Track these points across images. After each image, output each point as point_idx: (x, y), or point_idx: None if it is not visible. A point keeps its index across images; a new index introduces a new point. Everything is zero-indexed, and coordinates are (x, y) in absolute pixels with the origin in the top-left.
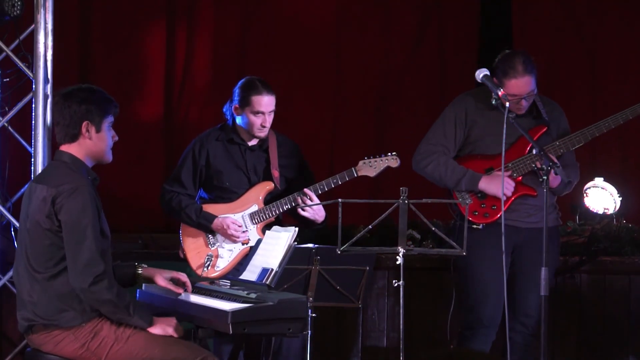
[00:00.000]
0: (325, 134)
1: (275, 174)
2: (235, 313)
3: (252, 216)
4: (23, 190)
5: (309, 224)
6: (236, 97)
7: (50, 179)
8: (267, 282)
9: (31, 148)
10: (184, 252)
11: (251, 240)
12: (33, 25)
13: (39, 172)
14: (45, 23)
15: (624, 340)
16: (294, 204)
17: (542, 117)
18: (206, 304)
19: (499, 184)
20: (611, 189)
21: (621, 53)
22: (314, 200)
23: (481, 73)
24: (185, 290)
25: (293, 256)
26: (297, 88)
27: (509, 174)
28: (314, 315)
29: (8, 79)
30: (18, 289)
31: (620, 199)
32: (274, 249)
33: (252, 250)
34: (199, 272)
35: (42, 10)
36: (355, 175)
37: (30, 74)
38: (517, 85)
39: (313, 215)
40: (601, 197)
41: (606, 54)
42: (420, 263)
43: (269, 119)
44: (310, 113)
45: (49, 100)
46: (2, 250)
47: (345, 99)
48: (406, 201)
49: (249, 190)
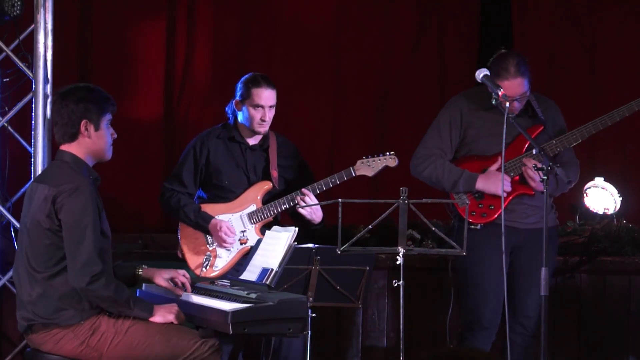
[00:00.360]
0: (325, 134)
1: (274, 174)
2: (235, 313)
3: (250, 216)
4: (23, 190)
5: (306, 224)
6: (238, 92)
7: (51, 178)
8: (267, 282)
9: (31, 148)
10: (183, 252)
11: (250, 240)
12: (33, 25)
13: (41, 172)
14: (45, 23)
15: (624, 340)
16: (292, 204)
17: (538, 116)
18: (206, 304)
19: (497, 182)
20: (611, 189)
21: (621, 52)
22: (313, 200)
23: (481, 73)
24: (185, 291)
25: (293, 256)
26: (297, 88)
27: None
28: (313, 315)
29: (8, 79)
30: (17, 289)
31: (621, 199)
32: (274, 249)
33: (252, 250)
34: (198, 272)
35: (42, 10)
36: (354, 174)
37: (30, 74)
38: (509, 87)
39: (310, 215)
40: (601, 197)
41: (606, 54)
42: (421, 263)
43: (269, 114)
44: (310, 113)
45: (49, 100)
46: (2, 250)
47: (345, 98)
48: (406, 201)
49: (247, 189)
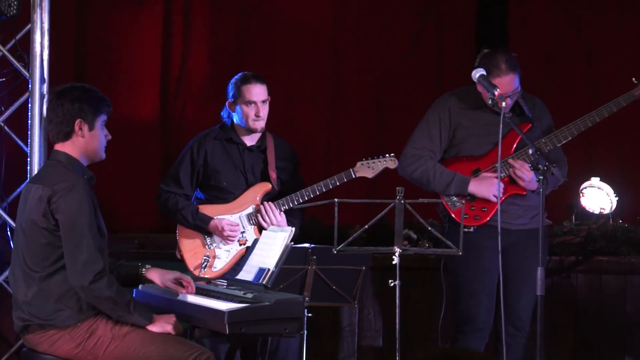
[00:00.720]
0: (323, 134)
1: (273, 175)
2: (231, 313)
3: (249, 217)
4: (19, 190)
5: None
6: (229, 93)
7: (46, 178)
8: (264, 282)
9: (27, 148)
10: (181, 253)
11: (249, 241)
12: (29, 25)
13: (36, 173)
14: (42, 23)
15: (620, 340)
16: (291, 205)
17: (526, 115)
18: (203, 304)
19: (489, 186)
20: (607, 189)
21: (619, 51)
22: (274, 213)
23: (477, 73)
24: (189, 292)
25: (289, 256)
26: (295, 88)
27: (495, 175)
28: (310, 315)
29: (4, 79)
30: (14, 289)
31: (617, 198)
32: (271, 248)
33: (249, 250)
34: (196, 273)
35: (39, 10)
36: (353, 176)
37: (27, 74)
38: (502, 84)
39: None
40: (597, 197)
41: (604, 53)
42: (417, 263)
43: (263, 110)
44: (308, 113)
45: (45, 99)
46: (0, 250)
47: (343, 99)
48: (402, 201)
49: (246, 191)
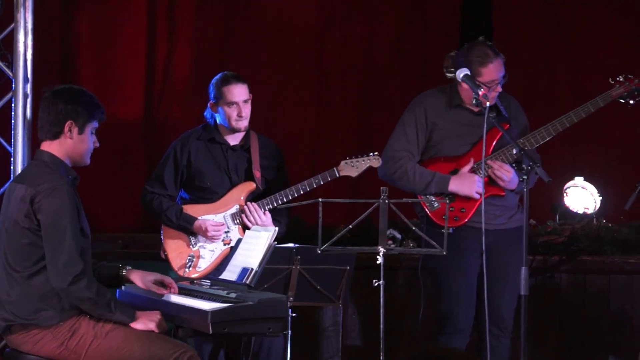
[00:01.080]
0: (309, 133)
1: (257, 174)
2: (215, 313)
3: (234, 216)
4: (3, 189)
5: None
6: (211, 94)
7: (29, 178)
8: (247, 282)
9: (11, 147)
10: (166, 253)
11: (233, 241)
12: (13, 25)
13: (19, 172)
14: (25, 22)
15: (604, 339)
16: (276, 204)
17: (502, 114)
18: (186, 304)
19: (470, 184)
20: (591, 189)
21: (603, 51)
22: (258, 213)
23: (462, 73)
24: (171, 292)
25: (273, 256)
26: (281, 87)
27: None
28: (294, 315)
29: None
30: None
31: (601, 198)
32: (254, 248)
33: (232, 250)
34: (181, 273)
35: (22, 9)
36: (337, 175)
37: (10, 73)
38: (494, 70)
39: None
40: (581, 197)
41: (588, 51)
42: (401, 263)
43: (245, 109)
44: (293, 112)
45: (29, 99)
46: None
47: (328, 98)
48: (386, 201)
49: (230, 190)
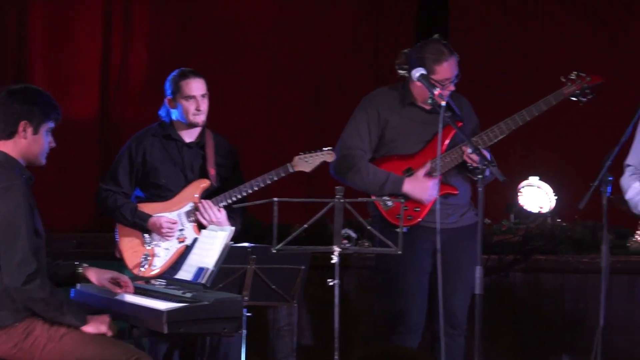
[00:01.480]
0: (263, 131)
1: (212, 171)
2: (170, 312)
3: (188, 214)
4: None
5: None
6: (168, 90)
7: None
8: (203, 282)
9: None
10: (120, 252)
11: (187, 239)
12: None
13: None
14: None
15: (558, 338)
16: (230, 201)
17: (455, 112)
18: (141, 304)
19: (424, 188)
20: (546, 188)
21: (557, 52)
22: (212, 210)
23: (417, 72)
24: (127, 292)
25: (228, 255)
26: (234, 84)
27: (430, 178)
28: (249, 314)
29: None
30: None
31: (556, 197)
32: (210, 248)
33: (188, 250)
34: (136, 272)
35: None
36: (291, 170)
37: None
38: (448, 68)
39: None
40: (536, 196)
41: (540, 48)
42: (356, 262)
43: (203, 103)
44: (247, 111)
45: None
46: None
47: (282, 96)
48: (342, 200)
49: (184, 188)
